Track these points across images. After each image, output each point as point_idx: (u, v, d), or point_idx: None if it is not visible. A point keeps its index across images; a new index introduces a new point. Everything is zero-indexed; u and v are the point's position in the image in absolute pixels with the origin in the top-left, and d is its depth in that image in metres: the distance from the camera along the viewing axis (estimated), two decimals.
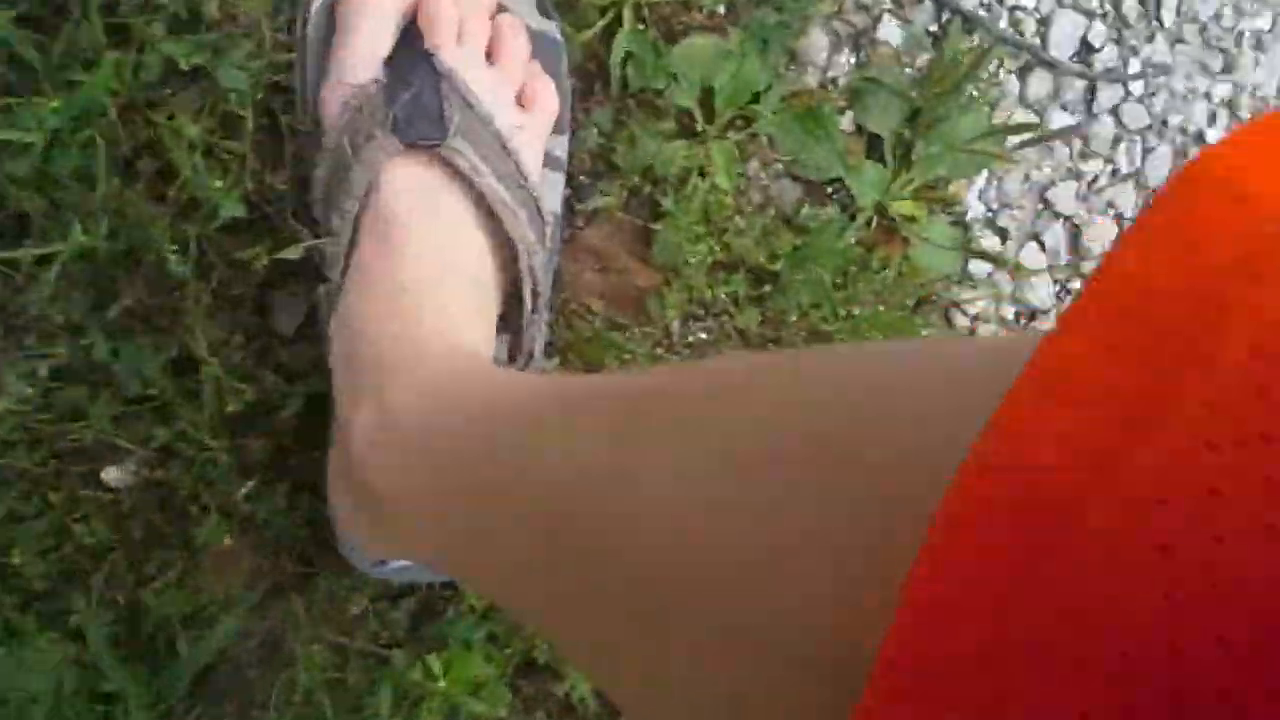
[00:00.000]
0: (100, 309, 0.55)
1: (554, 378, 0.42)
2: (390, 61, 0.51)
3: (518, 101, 0.54)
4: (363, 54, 0.51)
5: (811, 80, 0.62)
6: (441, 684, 0.63)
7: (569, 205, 0.60)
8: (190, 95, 0.54)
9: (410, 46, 0.52)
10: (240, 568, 0.60)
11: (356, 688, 0.63)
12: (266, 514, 0.59)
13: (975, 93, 0.61)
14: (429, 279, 0.50)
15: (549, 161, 0.56)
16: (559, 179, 0.58)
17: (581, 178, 0.61)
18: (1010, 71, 0.65)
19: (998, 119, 0.63)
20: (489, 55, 0.54)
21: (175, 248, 0.54)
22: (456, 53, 0.52)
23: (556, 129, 0.56)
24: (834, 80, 0.63)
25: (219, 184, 0.52)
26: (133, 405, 0.56)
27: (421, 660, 0.63)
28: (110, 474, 0.57)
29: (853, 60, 0.63)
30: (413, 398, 0.46)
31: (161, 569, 0.59)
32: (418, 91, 0.50)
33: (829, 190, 0.63)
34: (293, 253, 0.53)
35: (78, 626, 0.58)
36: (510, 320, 0.55)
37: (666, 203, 0.59)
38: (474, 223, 0.52)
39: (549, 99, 0.55)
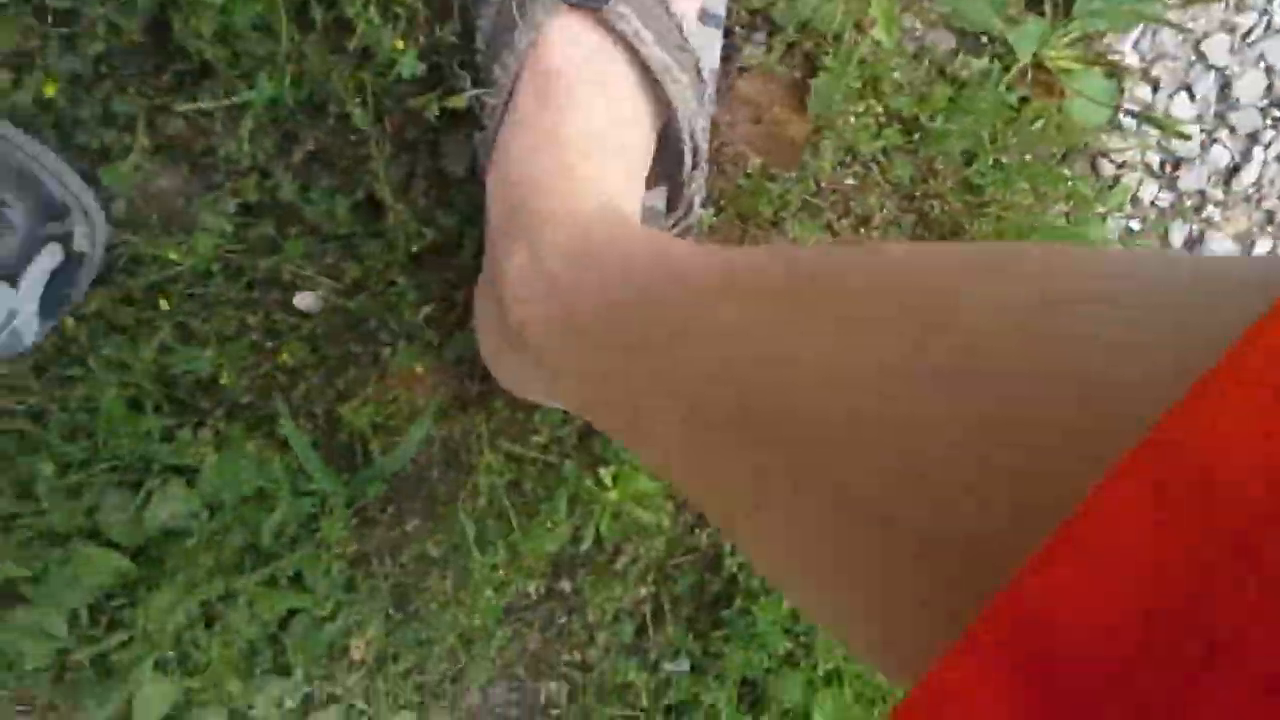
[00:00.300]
0: (285, 153, 0.59)
1: (706, 248, 0.41)
2: None
3: None
4: None
5: None
6: (612, 494, 0.70)
7: (725, 58, 0.61)
8: None
9: None
10: (425, 384, 0.67)
11: (533, 492, 0.70)
12: (447, 338, 0.65)
13: None
14: (584, 133, 0.51)
15: (708, 18, 0.57)
16: (717, 35, 0.58)
17: (738, 30, 0.62)
18: None
19: None
20: None
21: (358, 99, 0.56)
22: None
23: None
24: None
25: (399, 44, 0.54)
26: (322, 240, 0.61)
27: (593, 471, 0.70)
28: (303, 300, 0.63)
29: None
30: (564, 249, 0.47)
31: (354, 386, 0.65)
32: None
33: (984, 41, 0.63)
34: (458, 102, 0.56)
35: (281, 437, 0.65)
36: (669, 173, 0.57)
37: (826, 59, 0.59)
38: (634, 83, 0.53)
39: None
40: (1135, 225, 0.72)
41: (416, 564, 0.71)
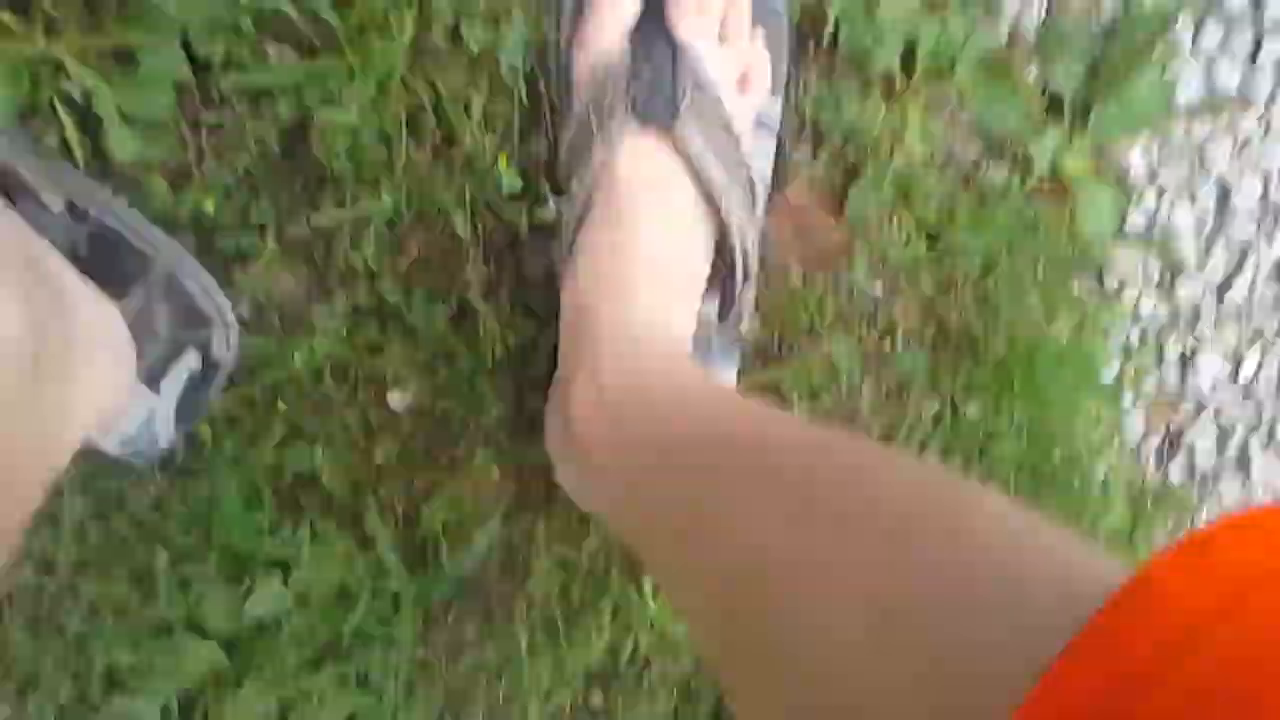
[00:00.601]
0: (393, 259, 0.65)
1: (743, 405, 0.49)
2: (634, 33, 0.58)
3: (739, 82, 0.60)
4: (609, 23, 0.58)
5: (1002, 30, 0.68)
6: (652, 606, 0.74)
7: (774, 166, 0.68)
8: (461, 64, 0.63)
9: (653, 17, 0.58)
10: (496, 486, 0.71)
11: (580, 600, 0.74)
12: (519, 441, 0.70)
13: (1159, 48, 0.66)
14: (647, 258, 0.57)
15: (761, 126, 0.64)
16: (770, 144, 0.65)
17: (784, 139, 0.68)
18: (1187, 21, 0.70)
19: (1170, 75, 0.68)
20: (721, 31, 0.60)
21: (460, 210, 0.64)
22: (694, 25, 0.58)
23: (772, 90, 0.63)
24: (1022, 31, 0.69)
25: (503, 161, 0.62)
26: (417, 344, 0.67)
27: (636, 583, 0.74)
28: (397, 400, 0.69)
29: (1043, 12, 0.68)
30: (622, 381, 0.52)
31: (434, 486, 0.70)
32: (656, 69, 0.57)
33: (1007, 146, 0.69)
34: (546, 215, 0.64)
35: (366, 534, 0.69)
36: (722, 283, 0.62)
37: (864, 168, 0.67)
38: (693, 201, 0.58)
39: (765, 81, 0.62)
40: (1134, 339, 0.78)
41: (472, 670, 0.74)
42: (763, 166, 0.65)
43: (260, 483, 0.66)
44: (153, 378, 0.59)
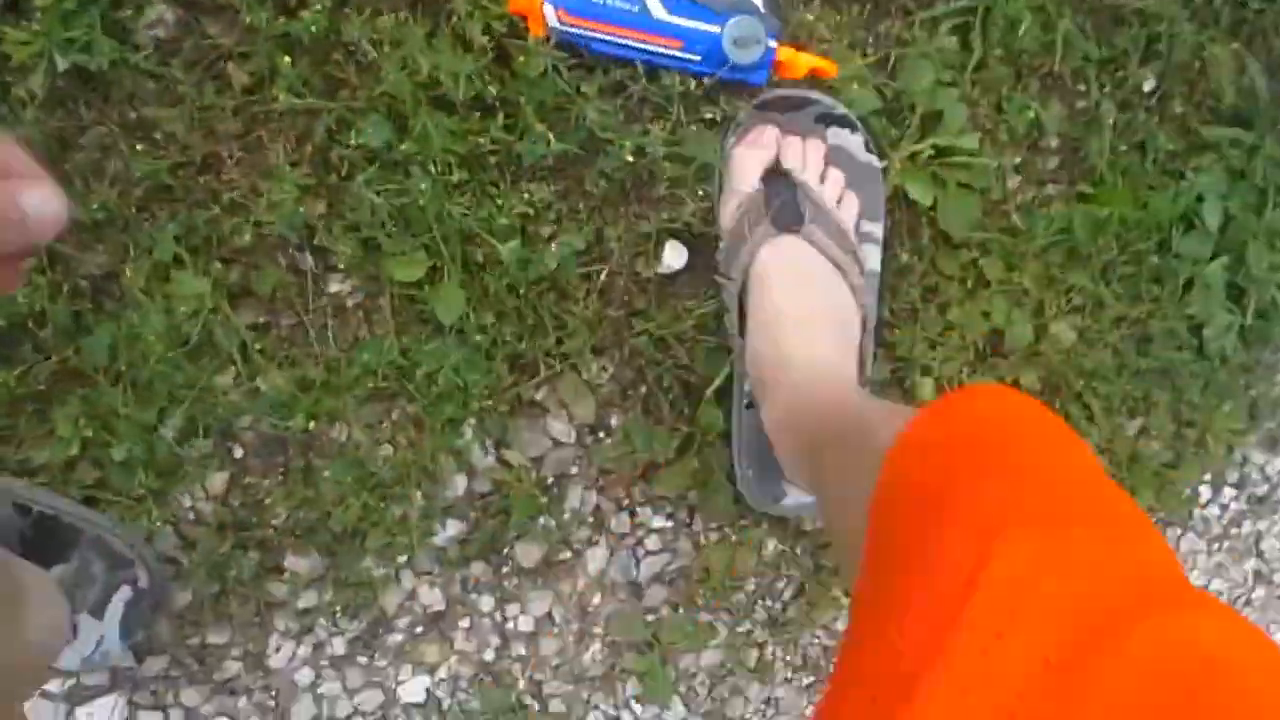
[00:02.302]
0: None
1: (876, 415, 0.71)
2: (764, 180, 0.87)
3: (837, 201, 0.90)
4: (746, 175, 0.87)
5: None
6: None
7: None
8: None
9: (776, 171, 0.88)
10: None
11: None
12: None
13: None
14: (795, 316, 0.85)
15: (869, 238, 0.94)
16: (877, 250, 0.95)
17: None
18: None
19: None
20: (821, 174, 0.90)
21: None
22: (805, 174, 0.88)
23: (875, 219, 0.94)
24: None
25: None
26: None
27: None
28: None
29: None
30: (787, 405, 0.82)
31: None
32: (785, 198, 0.87)
33: None
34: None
35: None
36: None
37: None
38: (830, 276, 0.88)
39: (854, 203, 0.91)
40: None
41: None
42: (874, 263, 0.94)
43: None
44: (97, 609, 0.85)
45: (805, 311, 0.87)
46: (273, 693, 0.99)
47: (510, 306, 0.88)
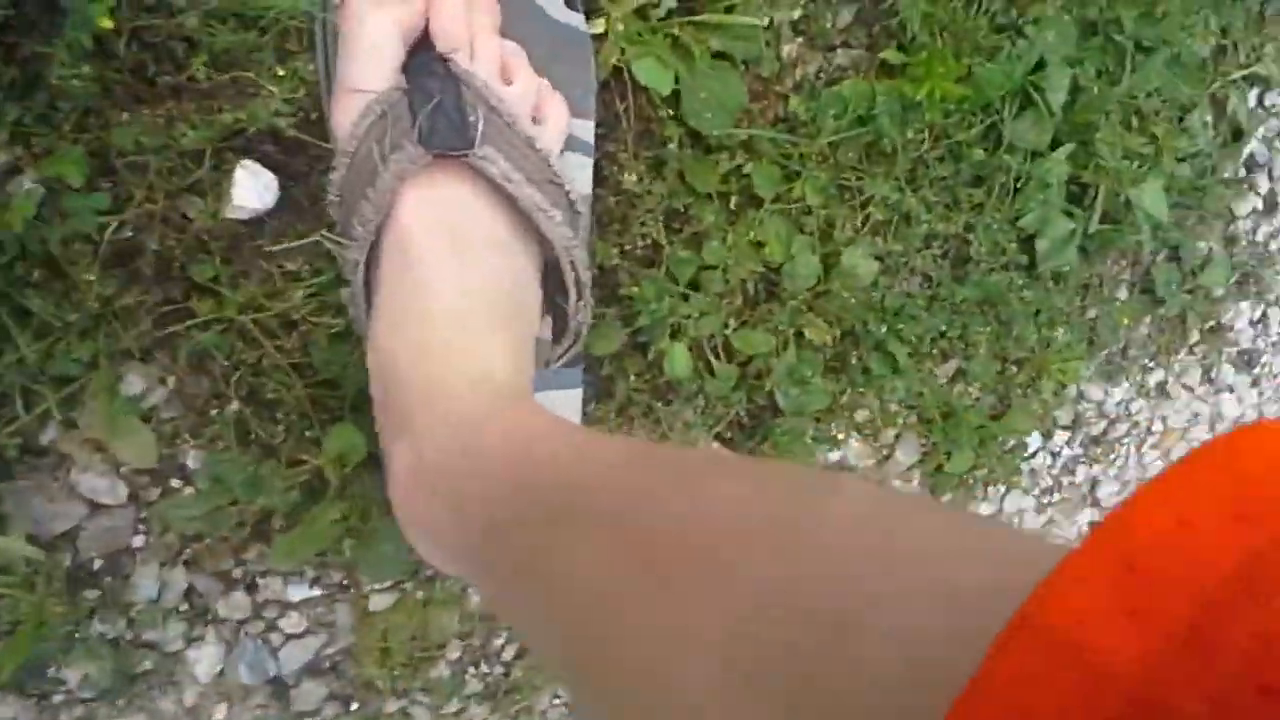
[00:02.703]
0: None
1: (573, 447, 0.45)
2: (406, 69, 0.52)
3: (534, 117, 0.56)
4: (370, 61, 0.51)
5: None
6: None
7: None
8: None
9: (424, 56, 0.52)
10: None
11: None
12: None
13: None
14: (454, 308, 0.52)
15: (577, 144, 0.60)
16: (588, 162, 0.61)
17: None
18: None
19: None
20: (502, 74, 0.55)
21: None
22: (471, 57, 0.53)
23: (584, 115, 0.60)
24: None
25: None
26: None
27: None
28: None
29: None
30: (437, 446, 0.49)
31: None
32: (440, 99, 0.51)
33: None
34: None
35: None
36: (553, 304, 0.59)
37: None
38: (506, 228, 0.54)
39: (561, 114, 0.57)
40: None
41: None
42: (583, 185, 0.61)
43: None
44: None
45: (472, 298, 0.53)
46: None
47: None
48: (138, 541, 0.62)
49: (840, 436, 0.86)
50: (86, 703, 0.65)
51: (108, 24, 0.47)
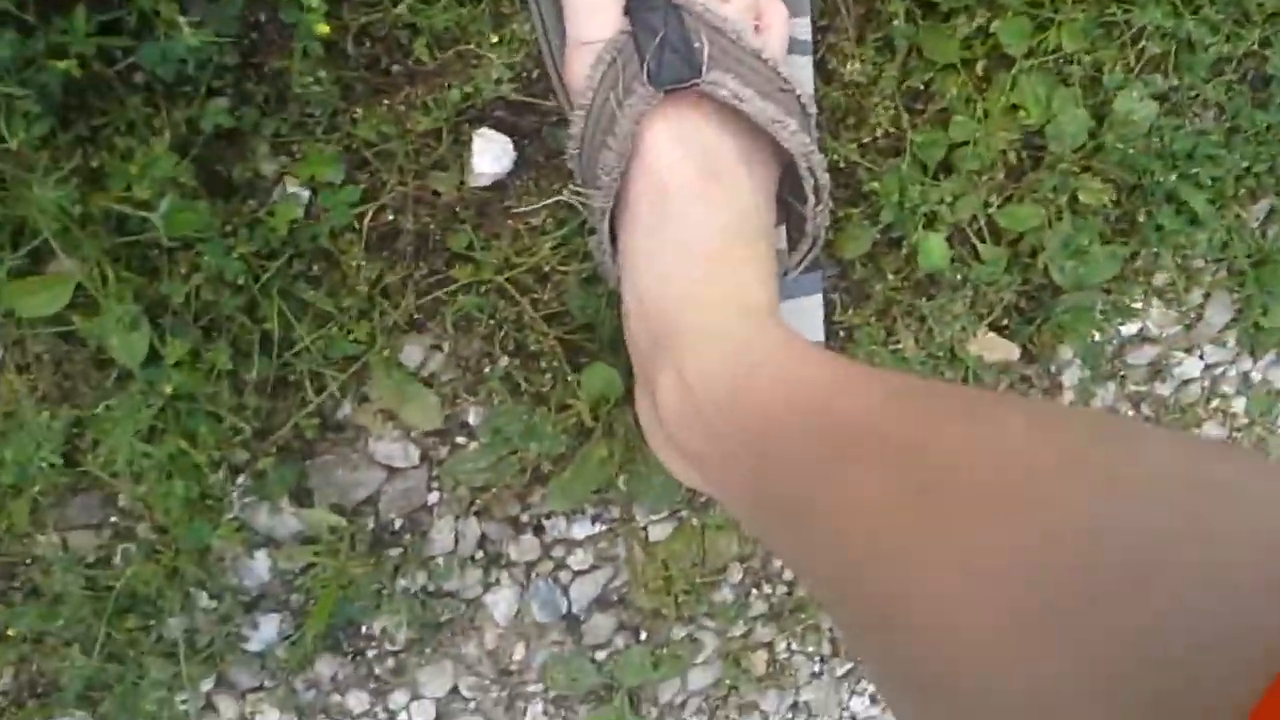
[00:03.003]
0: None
1: (849, 380, 0.50)
2: (627, 10, 0.60)
3: (755, 27, 0.62)
4: (594, 12, 0.60)
5: None
6: None
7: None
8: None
9: None
10: None
11: None
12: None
13: None
14: (710, 238, 0.60)
15: (796, 46, 0.66)
16: (808, 61, 0.68)
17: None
18: None
19: None
20: None
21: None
22: None
23: (800, 13, 0.67)
24: None
25: None
26: None
27: None
28: None
29: None
30: (706, 372, 0.57)
31: None
32: (664, 33, 0.59)
33: None
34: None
35: None
36: (789, 212, 0.67)
37: None
38: (743, 147, 0.61)
39: (782, 18, 0.64)
40: None
41: None
42: (808, 86, 0.67)
43: None
44: None
45: (725, 226, 0.61)
46: None
47: (230, 308, 0.62)
48: (433, 498, 0.75)
49: (1137, 305, 0.89)
50: (396, 654, 0.80)
51: (324, 29, 0.57)
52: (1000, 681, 0.32)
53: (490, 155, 0.64)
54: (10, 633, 0.66)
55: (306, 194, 0.62)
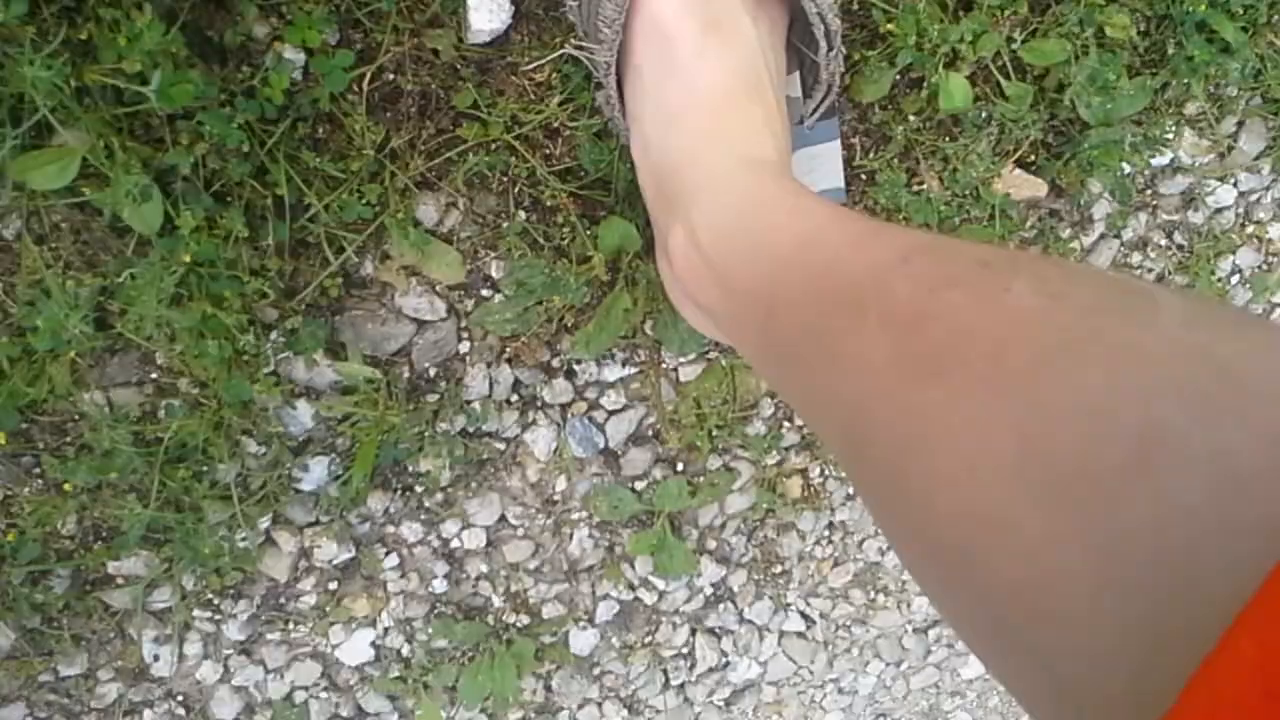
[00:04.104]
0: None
1: (857, 234, 0.44)
2: None
3: None
4: None
5: None
6: None
7: None
8: None
9: None
10: None
11: None
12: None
13: None
14: (718, 88, 0.53)
15: None
16: None
17: None
18: None
19: None
20: None
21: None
22: None
23: None
24: None
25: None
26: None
27: None
28: None
29: None
30: (714, 228, 0.51)
31: None
32: None
33: None
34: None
35: None
36: (801, 59, 0.60)
37: None
38: (752, 7, 0.54)
39: None
40: None
41: None
42: None
43: None
44: None
45: (732, 74, 0.53)
46: (178, 698, 0.80)
47: (239, 174, 0.56)
48: (464, 348, 0.71)
49: (1168, 136, 0.78)
50: (444, 489, 0.77)
51: None
52: (1006, 561, 0.29)
53: (486, 10, 0.56)
54: (67, 486, 0.63)
55: (301, 58, 0.55)
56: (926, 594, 0.37)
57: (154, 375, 0.63)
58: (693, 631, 0.95)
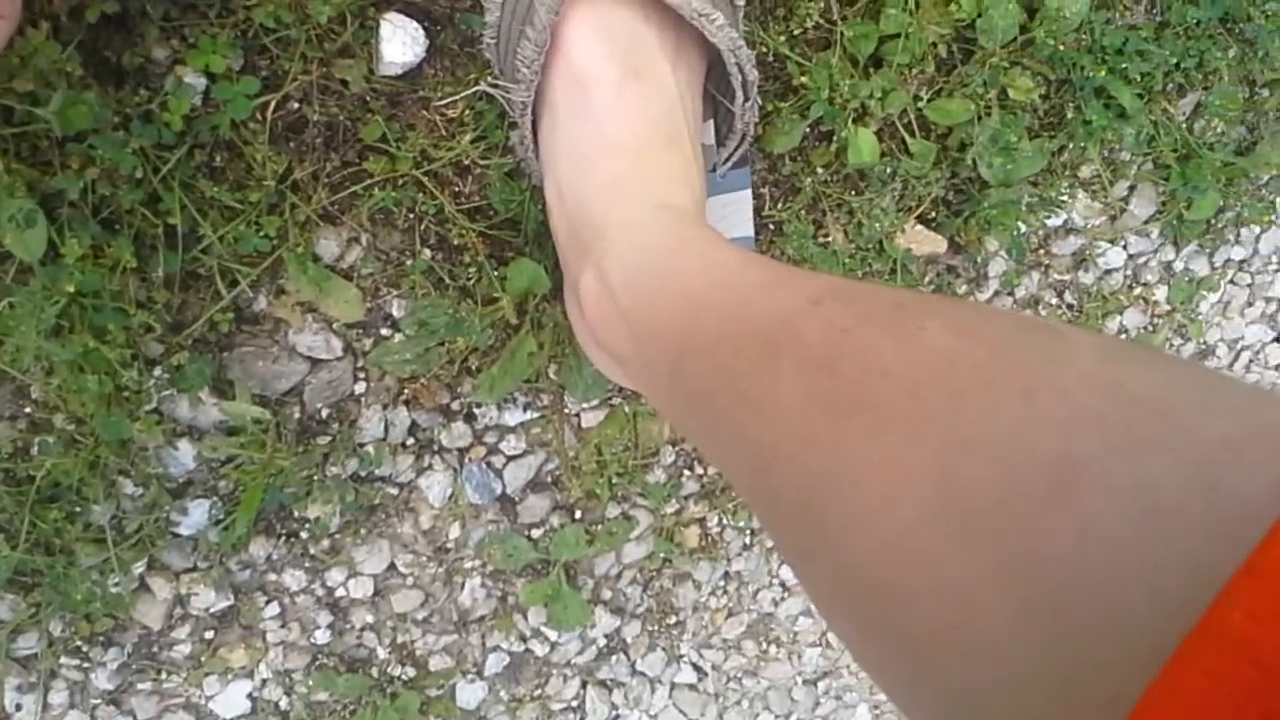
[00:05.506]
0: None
1: (755, 282, 0.45)
2: None
3: None
4: None
5: None
6: None
7: None
8: None
9: None
10: None
11: None
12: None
13: None
14: (633, 134, 0.54)
15: None
16: None
17: None
18: None
19: None
20: None
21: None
22: None
23: None
24: None
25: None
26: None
27: None
28: None
29: None
30: (626, 273, 0.51)
31: None
32: None
33: None
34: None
35: None
36: (716, 107, 0.61)
37: None
38: (668, 40, 0.55)
39: None
40: None
41: None
42: None
43: None
44: None
45: (649, 120, 0.54)
46: None
47: (130, 202, 0.55)
48: (359, 388, 0.69)
49: (1063, 198, 0.82)
50: (332, 536, 0.75)
51: None
52: (926, 594, 0.29)
53: (399, 42, 0.56)
54: None
55: (202, 83, 0.54)
56: (839, 635, 0.37)
57: (28, 410, 0.61)
58: (584, 684, 0.95)
